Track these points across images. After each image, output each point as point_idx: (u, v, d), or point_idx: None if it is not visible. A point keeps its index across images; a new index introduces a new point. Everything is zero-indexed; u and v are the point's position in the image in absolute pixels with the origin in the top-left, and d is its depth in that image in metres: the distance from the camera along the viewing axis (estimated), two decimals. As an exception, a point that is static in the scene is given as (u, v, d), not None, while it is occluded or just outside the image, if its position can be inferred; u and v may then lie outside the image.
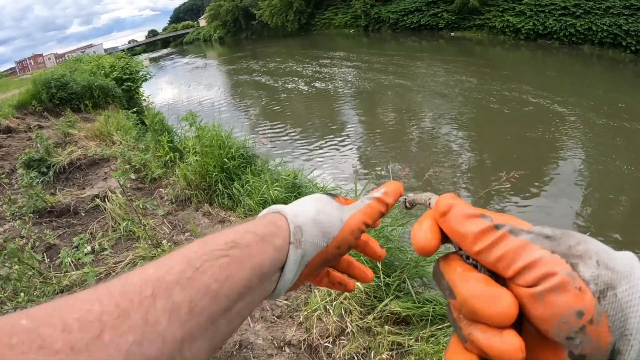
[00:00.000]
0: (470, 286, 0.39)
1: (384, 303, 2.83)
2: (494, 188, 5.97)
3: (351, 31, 43.45)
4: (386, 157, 9.61)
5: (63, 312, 0.32)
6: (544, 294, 0.34)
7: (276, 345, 2.71)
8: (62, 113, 9.76)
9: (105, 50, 79.40)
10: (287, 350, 2.69)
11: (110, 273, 3.42)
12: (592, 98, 13.29)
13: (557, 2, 25.86)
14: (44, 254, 3.77)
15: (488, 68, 19.53)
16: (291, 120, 13.29)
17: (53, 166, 6.02)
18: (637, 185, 7.76)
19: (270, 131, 12.23)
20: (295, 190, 4.38)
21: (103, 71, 12.98)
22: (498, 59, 23.48)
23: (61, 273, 3.37)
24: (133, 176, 5.43)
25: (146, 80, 14.10)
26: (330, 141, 10.91)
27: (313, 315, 2.84)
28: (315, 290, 3.09)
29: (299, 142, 11.07)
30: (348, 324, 2.76)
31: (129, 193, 4.80)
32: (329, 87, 17.89)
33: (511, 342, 0.35)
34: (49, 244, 3.93)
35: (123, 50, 17.79)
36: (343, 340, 2.70)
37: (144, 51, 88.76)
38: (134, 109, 10.11)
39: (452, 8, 32.09)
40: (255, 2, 57.95)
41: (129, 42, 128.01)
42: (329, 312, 2.84)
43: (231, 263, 0.44)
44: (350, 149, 10.39)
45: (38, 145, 6.33)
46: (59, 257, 3.37)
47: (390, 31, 38.26)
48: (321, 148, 10.49)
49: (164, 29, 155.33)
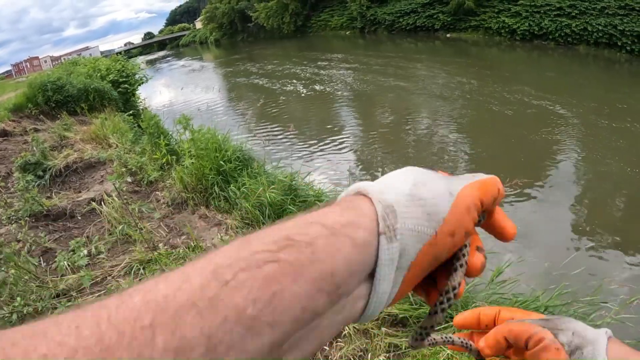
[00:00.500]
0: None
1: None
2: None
3: (347, 33, 43.43)
4: (384, 160, 9.61)
5: (29, 343, 0.24)
6: (537, 353, 0.50)
7: (273, 348, 2.70)
8: (58, 116, 9.74)
9: (101, 52, 79.29)
10: (284, 352, 2.68)
11: (106, 277, 3.42)
12: (593, 99, 13.28)
13: (553, 3, 25.90)
14: (40, 258, 3.76)
15: (487, 69, 19.55)
16: (289, 122, 13.26)
17: (49, 169, 6.00)
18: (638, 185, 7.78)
19: (268, 134, 12.20)
20: (292, 192, 4.37)
21: (99, 74, 12.97)
22: (496, 60, 23.53)
23: (57, 277, 3.36)
24: (129, 179, 5.43)
25: (142, 83, 14.08)
26: (328, 143, 10.89)
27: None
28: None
29: (297, 145, 11.05)
30: (345, 327, 2.75)
31: (125, 196, 4.80)
32: (328, 90, 17.87)
33: None
34: (45, 248, 3.92)
35: (119, 52, 17.75)
36: (340, 342, 2.70)
37: (140, 54, 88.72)
38: (130, 112, 10.10)
39: (448, 9, 32.09)
40: (251, 5, 57.93)
41: (125, 45, 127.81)
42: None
43: (282, 272, 0.29)
44: (348, 152, 10.37)
45: (34, 148, 6.32)
46: (55, 261, 3.37)
47: (386, 33, 38.26)
48: (319, 150, 10.48)
49: (160, 32, 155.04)
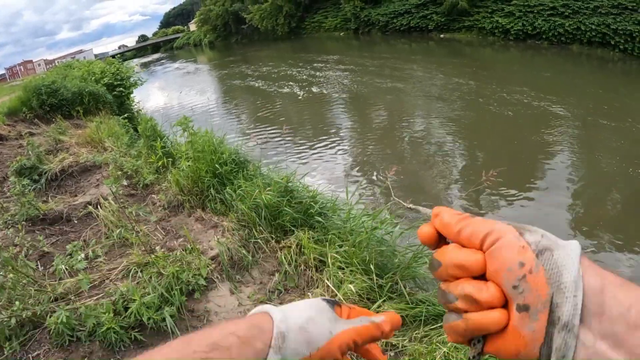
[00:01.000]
0: (450, 251, 0.49)
1: (377, 305, 2.86)
2: (489, 189, 5.98)
3: (341, 34, 43.48)
4: (380, 161, 9.61)
5: None
6: (495, 251, 0.45)
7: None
8: (53, 120, 9.72)
9: (95, 55, 78.95)
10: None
11: (104, 280, 3.42)
12: (590, 98, 13.39)
13: (546, 3, 26.02)
14: (38, 262, 3.76)
15: (482, 70, 19.65)
16: (285, 124, 13.26)
17: (45, 173, 6.00)
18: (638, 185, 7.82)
19: (265, 136, 12.17)
20: (288, 194, 4.38)
21: (94, 77, 12.93)
22: (490, 60, 23.63)
23: (55, 281, 3.36)
24: (125, 183, 5.43)
25: (137, 86, 14.05)
26: (325, 145, 10.90)
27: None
28: (308, 293, 3.10)
29: (294, 146, 11.06)
30: None
31: (122, 200, 4.81)
32: (325, 92, 17.85)
33: (493, 291, 0.45)
34: (43, 252, 3.92)
35: (113, 55, 17.70)
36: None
37: (135, 56, 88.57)
38: (125, 115, 10.08)
39: (442, 10, 32.20)
40: (245, 6, 57.91)
41: (120, 48, 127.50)
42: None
43: None
44: (344, 153, 10.38)
45: (29, 152, 6.31)
46: (53, 265, 3.38)
47: (380, 34, 38.33)
48: (316, 152, 10.49)
49: (154, 34, 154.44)
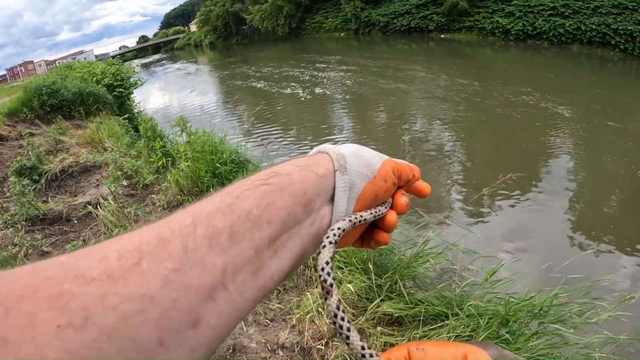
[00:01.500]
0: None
1: (374, 303, 2.85)
2: (493, 189, 5.99)
3: (341, 35, 43.50)
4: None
5: (104, 246, 0.33)
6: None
7: (270, 348, 2.73)
8: (54, 120, 9.71)
9: (96, 56, 79.11)
10: (281, 353, 2.71)
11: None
12: (597, 100, 13.30)
13: (546, 3, 26.04)
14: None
15: (485, 70, 19.63)
16: (288, 124, 13.20)
17: (45, 173, 6.00)
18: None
19: (268, 136, 12.13)
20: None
21: (94, 78, 12.93)
22: (492, 61, 23.62)
23: (54, 280, 3.36)
24: (125, 183, 5.44)
25: (137, 86, 14.05)
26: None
27: (305, 317, 2.86)
28: (307, 292, 3.11)
29: (297, 147, 11.04)
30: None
31: (121, 200, 4.81)
32: (328, 93, 17.78)
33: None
34: (42, 252, 3.92)
35: (114, 56, 17.71)
36: (336, 342, 2.72)
37: (135, 57, 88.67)
38: (126, 116, 10.08)
39: (442, 10, 32.23)
40: (245, 7, 57.97)
41: (120, 48, 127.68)
42: (322, 315, 2.85)
43: (272, 190, 0.43)
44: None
45: (29, 152, 6.32)
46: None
47: (380, 34, 38.35)
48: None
49: (155, 35, 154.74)
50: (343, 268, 3.17)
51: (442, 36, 32.53)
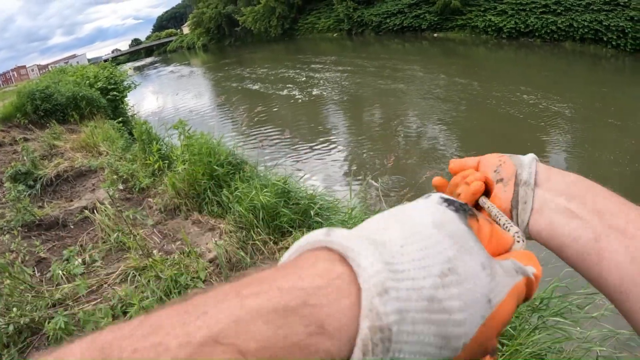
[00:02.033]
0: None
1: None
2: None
3: (334, 35, 43.50)
4: (382, 162, 9.57)
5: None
6: (483, 159, 0.65)
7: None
8: (47, 125, 9.69)
9: (89, 60, 78.91)
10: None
11: (102, 284, 3.41)
12: (595, 98, 13.29)
13: (538, 0, 26.13)
14: (35, 268, 3.74)
15: (484, 70, 19.56)
16: (284, 126, 13.21)
17: (40, 179, 5.97)
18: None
19: (264, 138, 12.08)
20: (285, 195, 4.37)
21: (87, 81, 12.89)
22: (487, 59, 23.66)
23: (53, 286, 3.35)
24: (121, 187, 5.42)
25: (131, 89, 14.01)
26: (323, 146, 10.85)
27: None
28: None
29: (293, 148, 11.01)
30: None
31: (118, 204, 4.79)
32: (324, 94, 17.70)
33: (478, 175, 0.60)
34: (39, 258, 3.90)
35: (107, 60, 17.66)
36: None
37: (128, 60, 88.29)
38: (120, 119, 10.05)
39: (434, 9, 32.27)
40: (238, 9, 57.92)
41: (113, 52, 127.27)
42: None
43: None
44: (345, 155, 10.32)
45: (24, 158, 6.30)
46: (50, 271, 3.36)
47: (373, 34, 38.38)
48: (316, 154, 10.45)
49: (148, 38, 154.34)
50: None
51: (435, 35, 32.58)
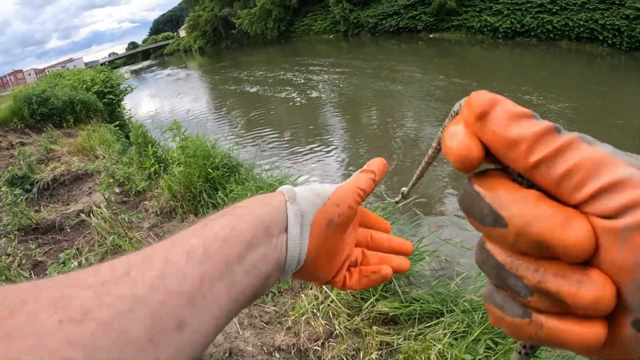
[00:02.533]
0: (531, 206, 0.27)
1: (369, 302, 2.87)
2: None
3: (330, 37, 43.51)
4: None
5: (95, 265, 0.37)
6: (632, 232, 0.23)
7: (266, 351, 2.73)
8: (44, 129, 9.68)
9: (85, 64, 78.73)
10: (277, 355, 2.72)
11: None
12: (595, 97, 13.28)
13: (534, 0, 26.19)
14: (31, 272, 3.75)
15: (483, 70, 19.55)
16: (281, 128, 13.21)
17: (37, 183, 5.98)
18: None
19: (262, 140, 12.10)
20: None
21: (84, 85, 12.89)
22: (485, 59, 23.63)
23: (49, 289, 3.35)
24: (117, 190, 5.43)
25: (127, 93, 14.00)
26: (321, 148, 10.83)
27: (301, 319, 2.87)
28: (302, 294, 3.11)
29: (292, 151, 11.02)
30: (336, 327, 2.79)
31: (114, 207, 4.80)
32: (322, 96, 17.57)
33: (600, 290, 0.25)
34: (36, 261, 3.91)
35: (103, 63, 17.65)
36: (332, 342, 2.73)
37: (125, 64, 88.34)
38: (116, 123, 10.06)
39: (430, 10, 32.30)
40: (234, 11, 57.92)
41: (110, 55, 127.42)
42: (317, 316, 2.86)
43: (234, 217, 0.47)
44: (344, 157, 10.33)
45: (21, 162, 6.30)
46: (47, 274, 3.37)
47: (369, 35, 38.40)
48: (312, 155, 10.44)
49: (144, 41, 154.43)
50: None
51: (431, 36, 32.62)
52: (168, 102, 22.16)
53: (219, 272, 0.41)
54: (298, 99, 17.64)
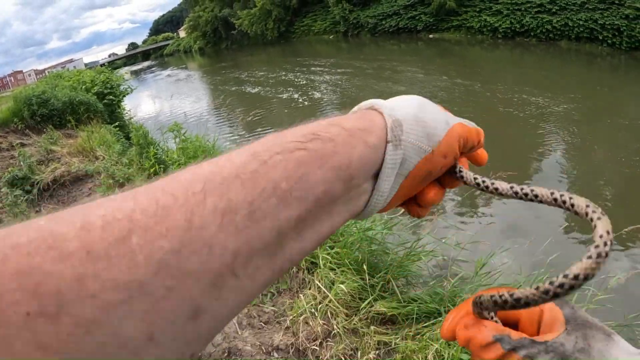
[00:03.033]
0: None
1: (367, 302, 2.88)
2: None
3: (330, 37, 43.47)
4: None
5: (88, 209, 0.27)
6: None
7: (264, 350, 2.74)
8: (44, 130, 9.68)
9: (85, 64, 78.68)
10: (276, 355, 2.73)
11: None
12: (600, 97, 13.27)
13: (533, 0, 26.17)
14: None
15: (483, 70, 19.54)
16: (282, 129, 13.14)
17: (37, 184, 5.99)
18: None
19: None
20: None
21: (84, 86, 12.88)
22: (485, 60, 23.65)
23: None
24: (117, 191, 5.44)
25: (127, 94, 13.99)
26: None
27: (299, 319, 2.88)
28: (300, 294, 3.13)
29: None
30: (334, 326, 2.80)
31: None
32: (324, 98, 17.53)
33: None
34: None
35: (104, 64, 17.63)
36: (330, 342, 2.74)
37: (125, 64, 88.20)
38: (117, 124, 10.05)
39: (430, 10, 32.25)
40: (234, 12, 57.89)
41: (110, 56, 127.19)
42: (315, 316, 2.88)
43: (310, 158, 0.35)
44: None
45: (21, 163, 6.31)
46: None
47: (369, 35, 38.37)
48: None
49: (144, 42, 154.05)
50: (336, 269, 3.19)
51: (431, 36, 32.60)
52: (168, 103, 22.11)
53: (264, 243, 0.31)
54: (300, 100, 17.61)
